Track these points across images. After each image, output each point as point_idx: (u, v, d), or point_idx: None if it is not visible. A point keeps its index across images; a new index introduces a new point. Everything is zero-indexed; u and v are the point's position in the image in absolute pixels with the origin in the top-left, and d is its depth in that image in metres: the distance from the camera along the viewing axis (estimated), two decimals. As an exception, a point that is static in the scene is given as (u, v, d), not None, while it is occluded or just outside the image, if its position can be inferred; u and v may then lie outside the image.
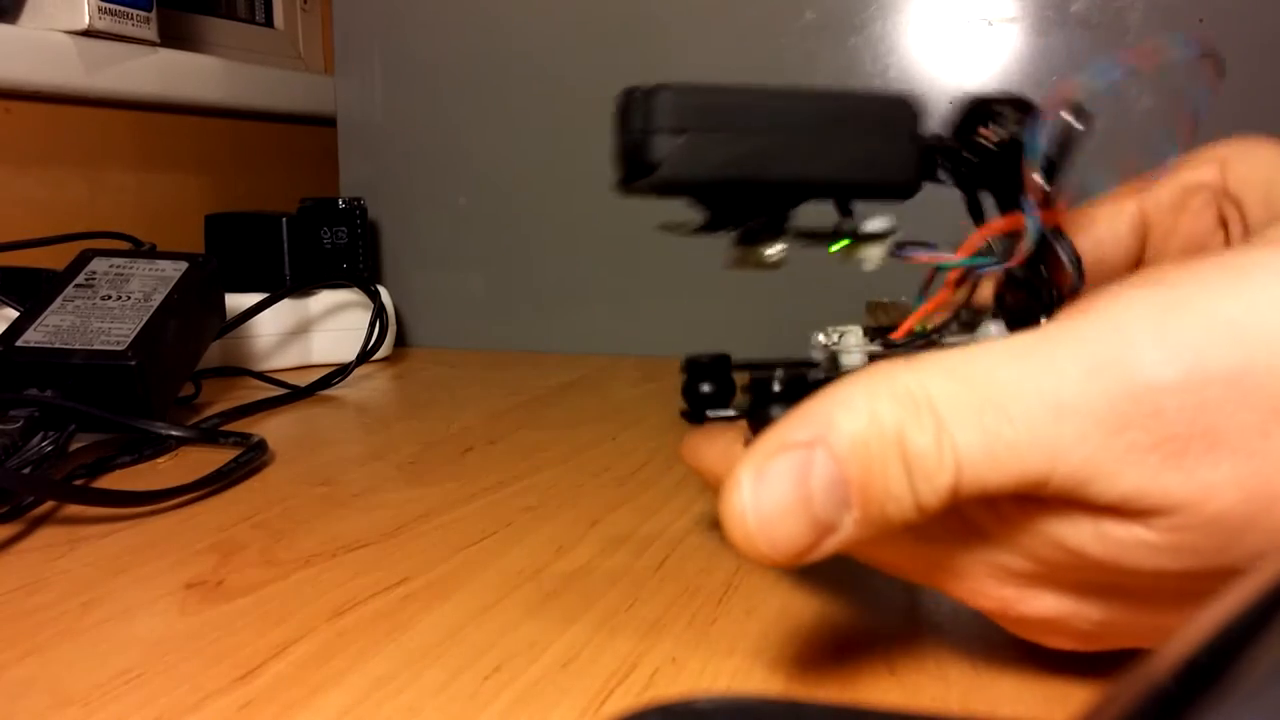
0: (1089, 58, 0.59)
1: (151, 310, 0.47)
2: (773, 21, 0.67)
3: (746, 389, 0.23)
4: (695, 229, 0.23)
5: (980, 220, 0.24)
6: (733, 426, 0.24)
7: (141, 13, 0.74)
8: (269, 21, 1.03)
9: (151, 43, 0.76)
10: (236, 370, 0.61)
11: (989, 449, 0.17)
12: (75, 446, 0.42)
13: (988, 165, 0.23)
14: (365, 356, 0.64)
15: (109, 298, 0.48)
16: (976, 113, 0.23)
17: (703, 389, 0.25)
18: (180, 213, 0.82)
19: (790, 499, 0.18)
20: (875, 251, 0.23)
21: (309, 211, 0.69)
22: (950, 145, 0.23)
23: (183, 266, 0.51)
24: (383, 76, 0.76)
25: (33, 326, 0.46)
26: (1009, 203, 0.23)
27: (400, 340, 0.75)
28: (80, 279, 0.49)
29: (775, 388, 0.22)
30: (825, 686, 0.23)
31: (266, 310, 0.62)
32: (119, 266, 0.51)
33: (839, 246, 0.23)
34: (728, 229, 0.23)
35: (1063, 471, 0.17)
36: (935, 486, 0.18)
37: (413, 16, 0.75)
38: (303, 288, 0.67)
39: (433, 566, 0.30)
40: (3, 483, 0.35)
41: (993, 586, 0.20)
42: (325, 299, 0.68)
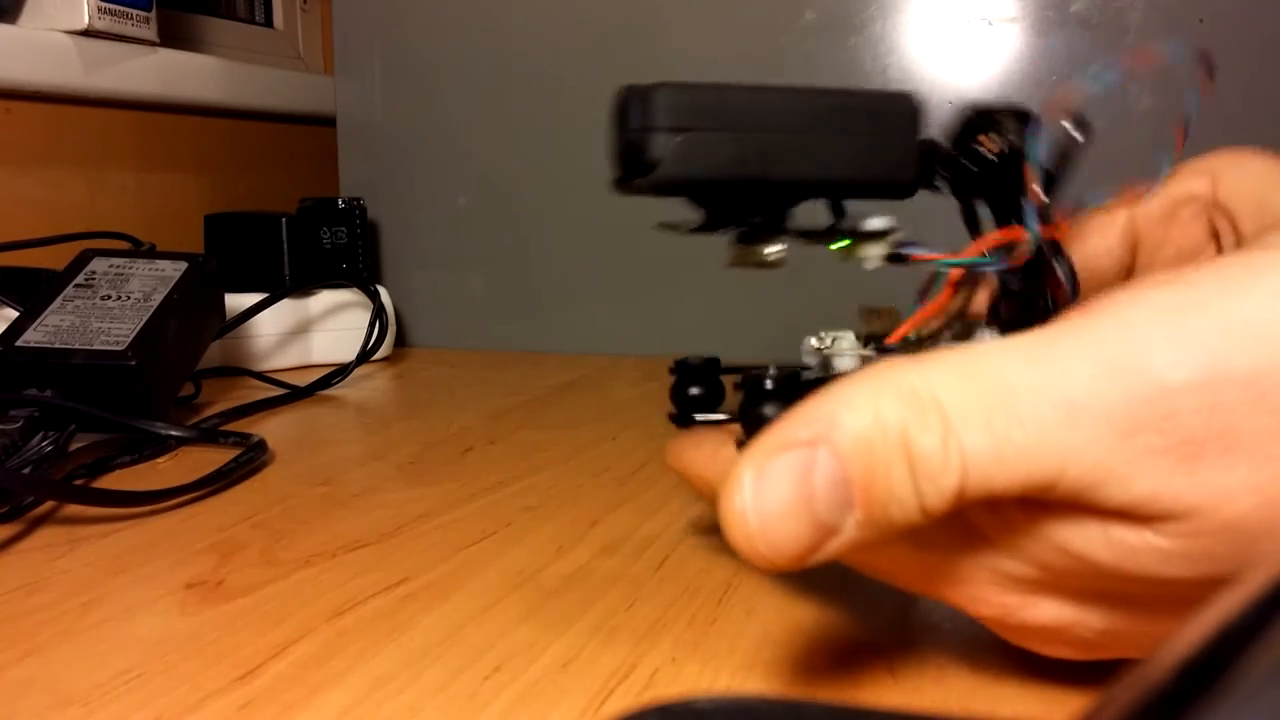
0: (1088, 60, 0.59)
1: (151, 310, 0.47)
2: (773, 21, 0.67)
3: (739, 387, 0.22)
4: (693, 228, 0.23)
5: (976, 231, 0.23)
6: (720, 430, 0.23)
7: (141, 13, 0.74)
8: (269, 21, 1.03)
9: (151, 43, 0.76)
10: (236, 370, 0.61)
11: (996, 450, 0.17)
12: (75, 446, 0.42)
13: (987, 175, 0.22)
14: (365, 356, 0.64)
15: (109, 298, 0.48)
16: (976, 122, 0.23)
17: (691, 392, 0.25)
18: (180, 213, 0.82)
19: (792, 499, 0.18)
20: (875, 250, 0.23)
21: (309, 211, 0.69)
22: (949, 153, 0.23)
23: (182, 266, 0.51)
24: (383, 76, 0.76)
25: (33, 326, 0.46)
26: (1006, 214, 0.22)
27: (400, 340, 0.75)
28: (80, 279, 0.49)
29: (768, 385, 0.21)
30: (825, 686, 0.23)
31: (266, 310, 0.62)
32: (119, 266, 0.51)
33: (839, 245, 0.23)
34: (727, 228, 0.23)
35: (1073, 474, 0.17)
36: (940, 488, 0.17)
37: (413, 16, 0.75)
38: (302, 288, 0.67)
39: (433, 566, 0.30)
40: (3, 483, 0.35)
41: (994, 593, 0.20)
42: (325, 299, 0.68)
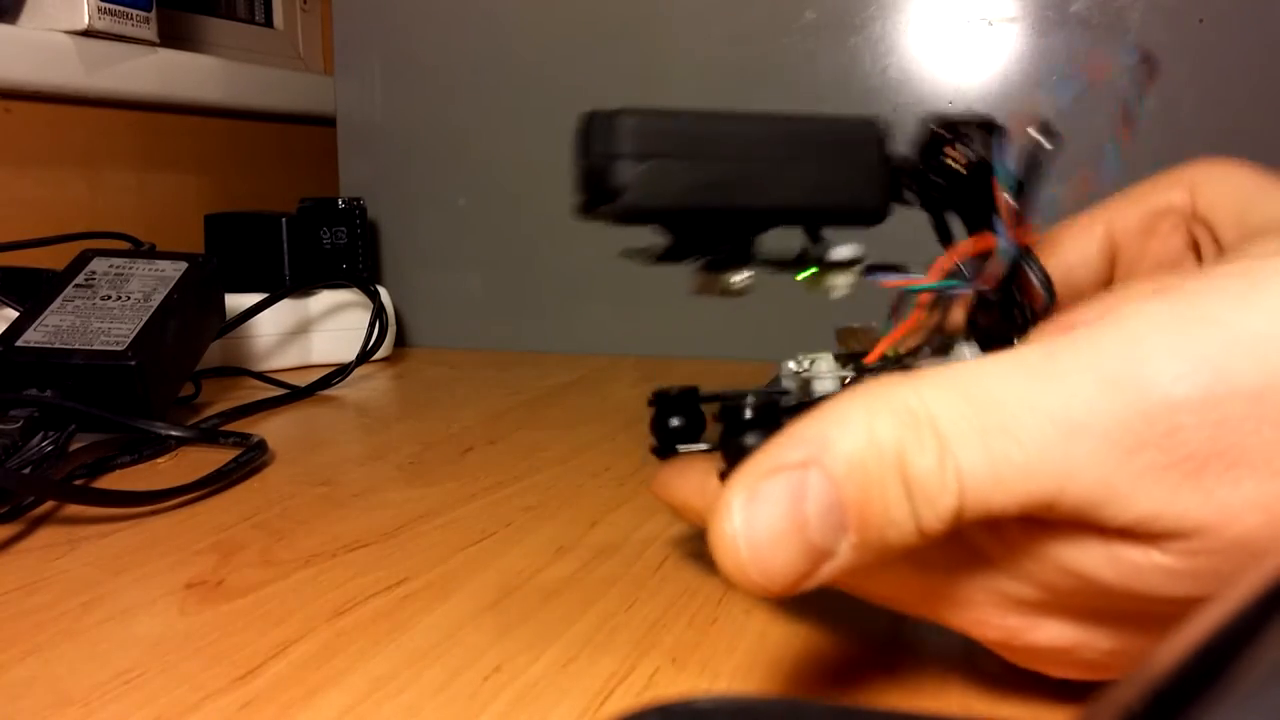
0: (1055, 70, 0.59)
1: (151, 310, 0.47)
2: (773, 21, 0.67)
3: (718, 418, 0.22)
4: (658, 256, 0.23)
5: (948, 242, 0.23)
6: (705, 458, 0.23)
7: (141, 13, 0.74)
8: (269, 21, 1.03)
9: (151, 43, 0.76)
10: (236, 370, 0.61)
11: (994, 470, 0.16)
12: (75, 446, 0.42)
13: (955, 188, 0.22)
14: (365, 356, 0.64)
15: (109, 298, 0.48)
16: (941, 135, 0.22)
17: (672, 423, 0.24)
18: (180, 213, 0.82)
19: (784, 524, 0.17)
20: (843, 279, 0.23)
21: (309, 211, 0.69)
22: (917, 168, 0.23)
23: (182, 266, 0.51)
24: (383, 76, 0.76)
25: (33, 326, 0.46)
26: (977, 224, 0.22)
27: (400, 340, 0.75)
28: (80, 279, 0.49)
29: (747, 414, 0.21)
30: (825, 686, 0.23)
31: (266, 310, 0.62)
32: (119, 266, 0.51)
33: (806, 274, 0.23)
34: (693, 256, 0.22)
35: (1073, 493, 0.16)
36: (938, 510, 0.17)
37: (413, 17, 0.75)
38: (302, 288, 0.67)
39: (433, 566, 0.30)
40: (3, 483, 0.35)
41: (997, 616, 0.19)
42: (325, 299, 0.68)
